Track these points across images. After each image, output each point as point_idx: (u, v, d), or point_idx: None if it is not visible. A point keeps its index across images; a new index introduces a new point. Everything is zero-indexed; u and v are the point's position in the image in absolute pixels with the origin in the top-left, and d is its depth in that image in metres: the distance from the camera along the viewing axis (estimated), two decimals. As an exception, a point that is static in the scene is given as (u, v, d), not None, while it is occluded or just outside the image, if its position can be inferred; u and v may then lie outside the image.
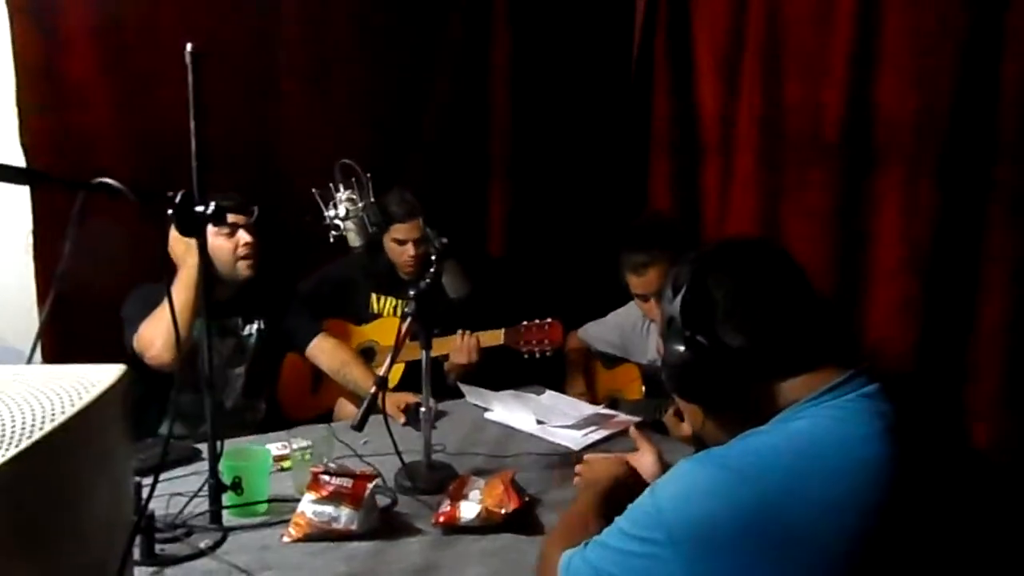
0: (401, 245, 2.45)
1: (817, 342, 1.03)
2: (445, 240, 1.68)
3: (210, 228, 2.09)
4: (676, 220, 2.72)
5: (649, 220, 2.65)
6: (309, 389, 2.58)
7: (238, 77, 2.56)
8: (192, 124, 1.35)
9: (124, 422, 1.17)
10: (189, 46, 1.32)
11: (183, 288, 1.98)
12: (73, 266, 2.33)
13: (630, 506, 1.02)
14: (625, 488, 1.38)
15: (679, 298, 1.05)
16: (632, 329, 2.42)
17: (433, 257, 1.68)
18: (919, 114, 1.98)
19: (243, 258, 2.15)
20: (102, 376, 1.13)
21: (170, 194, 1.30)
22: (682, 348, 1.04)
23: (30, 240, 2.32)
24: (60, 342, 2.41)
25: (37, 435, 0.93)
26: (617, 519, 1.03)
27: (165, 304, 1.98)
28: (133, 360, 2.06)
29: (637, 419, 2.02)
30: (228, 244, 2.14)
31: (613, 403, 2.34)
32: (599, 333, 2.53)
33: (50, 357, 2.39)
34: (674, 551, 0.91)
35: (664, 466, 1.51)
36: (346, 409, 2.43)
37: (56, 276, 1.18)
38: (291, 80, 2.69)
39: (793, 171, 2.38)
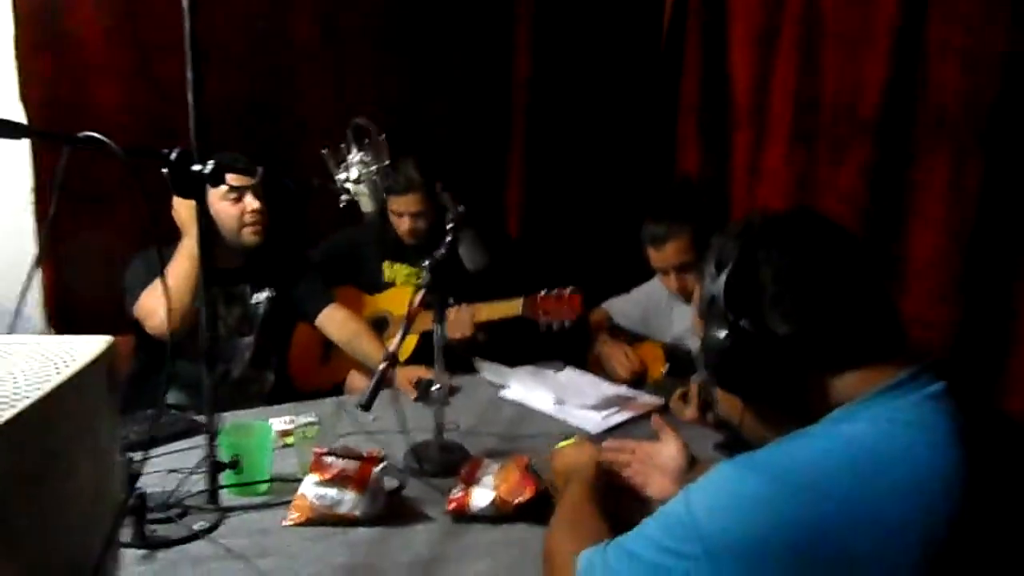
0: (399, 217, 2.36)
1: (877, 334, 0.92)
2: (462, 208, 1.57)
3: (215, 193, 2.02)
4: (701, 189, 2.59)
5: (671, 189, 2.52)
6: (320, 359, 2.50)
7: (245, 29, 2.45)
8: (189, 73, 1.24)
9: (109, 395, 1.08)
10: (186, -10, 1.21)
11: (187, 256, 1.89)
12: (77, 230, 2.28)
13: (660, 510, 0.91)
14: (606, 472, 1.38)
15: (723, 276, 0.94)
16: (656, 306, 2.30)
17: (449, 226, 1.57)
18: (967, 93, 1.84)
19: (249, 224, 2.06)
20: (85, 348, 1.04)
21: (165, 151, 1.19)
22: (723, 333, 0.93)
23: (31, 199, 2.24)
24: (63, 309, 2.34)
25: (11, 411, 0.85)
26: (645, 522, 0.93)
27: (167, 272, 1.91)
28: (136, 328, 1.98)
29: (660, 402, 1.92)
30: (234, 210, 2.05)
31: (636, 383, 2.24)
32: (622, 308, 2.42)
33: (55, 324, 2.34)
34: (711, 567, 0.81)
35: (688, 457, 1.42)
36: (356, 381, 2.35)
37: (45, 231, 1.09)
38: (303, 34, 2.57)
39: (828, 148, 2.25)
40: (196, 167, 1.21)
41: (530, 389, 2.00)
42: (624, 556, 0.92)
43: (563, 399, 1.94)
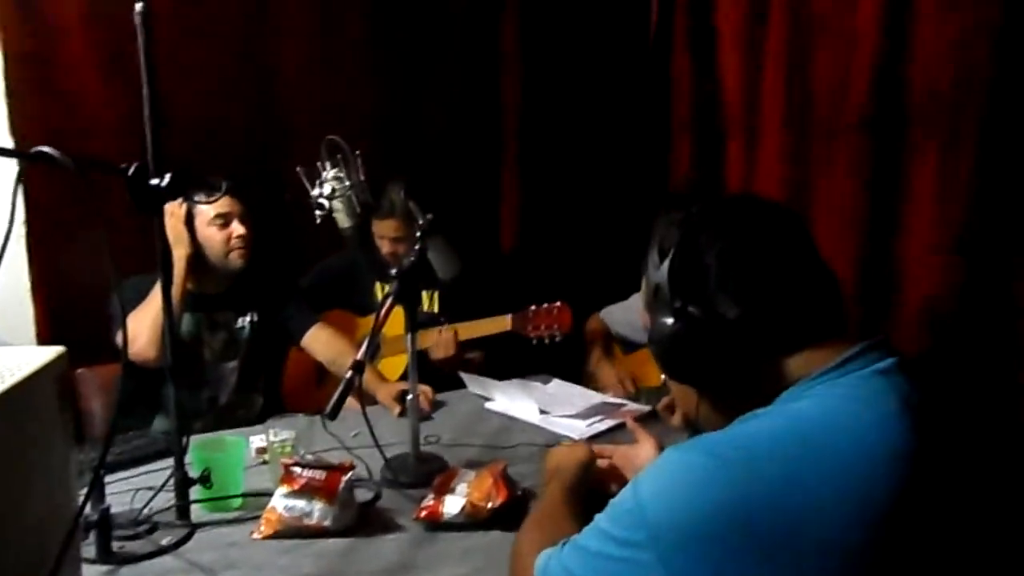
0: (380, 239, 2.36)
1: (825, 311, 0.90)
2: (430, 216, 1.57)
3: (202, 219, 2.04)
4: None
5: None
6: (314, 382, 2.49)
7: (232, 50, 2.49)
8: (145, 89, 1.25)
9: (59, 409, 1.08)
10: (139, 5, 1.22)
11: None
12: (70, 258, 2.29)
13: (612, 502, 0.89)
14: (592, 474, 1.33)
15: (665, 263, 0.92)
16: None
17: (418, 234, 1.57)
18: (955, 86, 1.83)
19: (235, 249, 2.07)
20: (31, 359, 1.04)
21: (123, 166, 1.20)
22: (670, 321, 0.91)
23: (23, 230, 2.27)
24: (57, 338, 2.35)
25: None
26: (597, 516, 0.90)
27: (148, 299, 1.92)
28: (120, 355, 1.98)
29: (646, 408, 1.89)
30: (220, 235, 2.06)
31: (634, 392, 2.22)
32: (621, 315, 2.38)
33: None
34: (655, 552, 0.78)
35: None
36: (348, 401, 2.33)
37: None
38: (291, 54, 2.61)
39: (821, 148, 2.24)
40: (154, 181, 1.21)
41: (515, 400, 1.98)
42: (575, 550, 0.90)
43: (548, 409, 1.92)
